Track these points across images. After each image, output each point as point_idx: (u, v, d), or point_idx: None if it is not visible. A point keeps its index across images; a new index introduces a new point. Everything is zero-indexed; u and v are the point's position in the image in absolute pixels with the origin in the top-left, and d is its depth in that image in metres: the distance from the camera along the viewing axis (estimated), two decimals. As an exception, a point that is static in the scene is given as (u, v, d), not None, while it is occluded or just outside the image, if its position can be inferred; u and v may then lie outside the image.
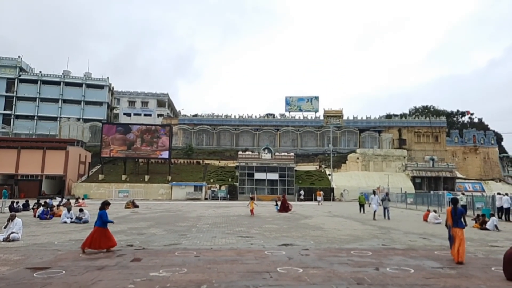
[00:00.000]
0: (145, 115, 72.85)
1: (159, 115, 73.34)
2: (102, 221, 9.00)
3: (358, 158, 57.33)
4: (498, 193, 21.30)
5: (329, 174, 51.33)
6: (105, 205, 9.44)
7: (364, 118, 68.63)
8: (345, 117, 67.92)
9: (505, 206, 19.13)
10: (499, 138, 75.09)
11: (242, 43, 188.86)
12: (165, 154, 49.78)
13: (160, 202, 38.44)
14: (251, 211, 20.24)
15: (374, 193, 21.06)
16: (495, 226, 14.67)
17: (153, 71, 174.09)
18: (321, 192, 37.66)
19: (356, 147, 61.41)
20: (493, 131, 73.57)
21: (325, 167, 55.00)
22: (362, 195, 25.95)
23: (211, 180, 48.81)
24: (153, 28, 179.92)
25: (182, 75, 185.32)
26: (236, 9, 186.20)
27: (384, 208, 19.81)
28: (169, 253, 8.74)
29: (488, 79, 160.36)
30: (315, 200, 38.29)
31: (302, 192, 44.80)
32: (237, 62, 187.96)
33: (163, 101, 76.48)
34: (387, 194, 27.76)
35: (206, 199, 44.84)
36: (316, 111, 69.24)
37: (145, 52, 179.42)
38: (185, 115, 69.86)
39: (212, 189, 46.42)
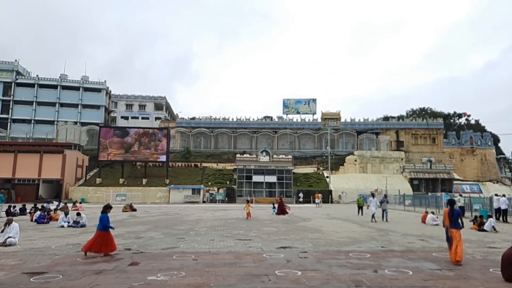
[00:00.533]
0: (142, 118, 72.79)
1: (156, 118, 73.31)
2: (103, 224, 8.96)
3: (356, 160, 57.40)
4: (496, 195, 21.32)
5: (327, 177, 51.37)
6: (107, 208, 9.39)
7: (362, 120, 68.85)
8: (342, 119, 68.04)
9: (503, 207, 19.18)
10: (496, 139, 75.43)
11: (240, 46, 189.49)
12: (163, 157, 49.71)
13: (158, 205, 38.35)
14: (248, 214, 20.22)
15: (372, 195, 21.10)
16: (493, 227, 14.70)
17: (150, 75, 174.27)
18: (320, 195, 37.71)
19: (354, 149, 61.50)
20: (490, 132, 73.89)
21: (323, 170, 55.04)
22: (361, 197, 25.96)
23: (209, 183, 48.74)
24: (151, 32, 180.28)
25: (180, 78, 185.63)
26: (234, 13, 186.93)
27: (383, 210, 19.84)
28: (167, 256, 8.71)
29: (484, 80, 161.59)
30: (314, 202, 38.32)
31: (301, 194, 44.81)
32: (235, 65, 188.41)
33: (161, 104, 76.46)
34: (385, 196, 27.79)
35: (204, 202, 44.75)
36: (314, 113, 69.41)
37: (143, 55, 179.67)
38: (183, 118, 69.83)
39: (210, 192, 46.35)
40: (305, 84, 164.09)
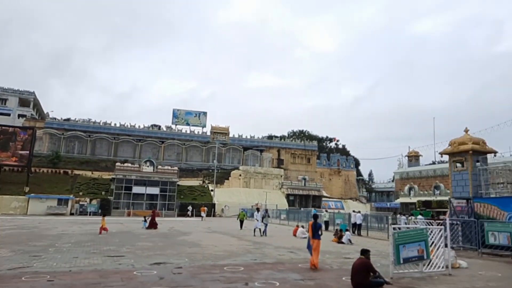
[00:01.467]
0: (1, 114, 61.57)
1: (21, 116, 62.93)
2: None
3: (240, 175, 59.51)
4: (353, 211, 24.69)
5: (211, 190, 51.70)
6: None
7: (249, 137, 72.11)
8: (231, 135, 70.09)
9: (358, 222, 22.27)
10: (357, 163, 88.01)
11: (131, 49, 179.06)
12: (24, 161, 42.73)
13: (12, 217, 32.55)
14: (101, 229, 17.80)
15: (257, 210, 22.03)
16: (349, 240, 16.85)
17: (19, 66, 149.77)
18: (205, 208, 37.98)
19: (240, 164, 63.78)
20: (353, 156, 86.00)
21: (209, 183, 55.30)
22: (242, 211, 26.82)
23: (81, 193, 43.76)
24: (25, 17, 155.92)
25: (58, 75, 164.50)
26: (127, 14, 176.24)
27: (265, 224, 20.74)
28: (14, 278, 7.38)
29: (352, 111, 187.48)
30: (199, 216, 38.10)
31: (190, 207, 43.73)
32: (123, 68, 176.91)
33: (28, 100, 66.12)
34: (266, 210, 29.39)
35: (72, 214, 39.82)
36: (204, 126, 69.68)
37: (12, 42, 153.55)
38: (55, 118, 61.68)
39: (81, 203, 41.60)
40: (196, 95, 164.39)
